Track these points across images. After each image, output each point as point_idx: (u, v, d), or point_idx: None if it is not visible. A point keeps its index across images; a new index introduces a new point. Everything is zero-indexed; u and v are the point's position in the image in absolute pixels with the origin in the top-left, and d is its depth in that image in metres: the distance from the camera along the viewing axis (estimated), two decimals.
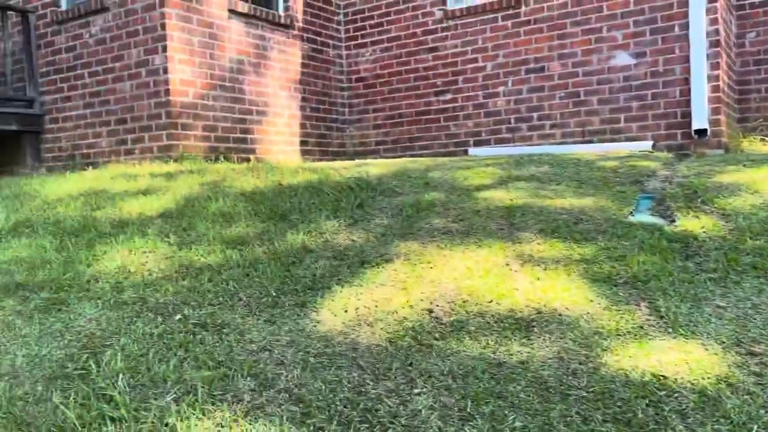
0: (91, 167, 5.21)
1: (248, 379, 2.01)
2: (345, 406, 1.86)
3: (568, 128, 5.89)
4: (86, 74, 5.77)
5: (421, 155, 6.45)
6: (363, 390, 1.93)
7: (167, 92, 5.26)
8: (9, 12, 6.03)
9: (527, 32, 6.02)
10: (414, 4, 6.62)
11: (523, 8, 6.03)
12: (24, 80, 6.11)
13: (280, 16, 6.31)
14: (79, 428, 1.83)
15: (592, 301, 2.35)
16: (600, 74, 5.75)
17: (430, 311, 2.34)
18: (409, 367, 2.03)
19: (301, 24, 6.56)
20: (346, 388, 1.94)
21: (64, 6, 6.01)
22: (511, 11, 6.09)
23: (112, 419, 1.86)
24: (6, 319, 2.44)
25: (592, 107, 5.79)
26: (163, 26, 5.24)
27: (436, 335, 2.20)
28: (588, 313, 2.27)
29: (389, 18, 6.79)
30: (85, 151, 5.81)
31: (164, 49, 5.24)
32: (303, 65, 6.59)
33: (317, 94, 6.76)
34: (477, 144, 6.32)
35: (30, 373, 2.12)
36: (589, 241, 2.80)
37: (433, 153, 6.46)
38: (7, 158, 6.21)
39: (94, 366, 2.10)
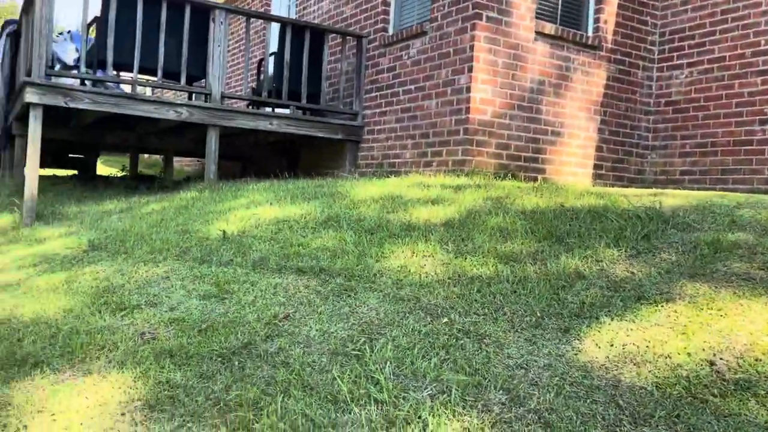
0: (393, 175, 5.79)
1: (500, 392, 2.04)
2: None
3: None
4: (401, 92, 6.43)
5: (734, 190, 5.69)
6: (618, 430, 1.82)
7: (467, 110, 5.57)
8: (348, 37, 7.03)
9: None
10: (745, 22, 5.88)
11: None
12: (352, 96, 7.07)
13: (588, 37, 6.19)
14: (349, 401, 2.07)
15: None
16: None
17: (712, 363, 2.08)
18: (676, 419, 1.84)
19: (609, 45, 6.34)
20: (599, 424, 1.85)
21: (390, 31, 6.78)
22: None
23: (376, 401, 2.06)
24: (309, 297, 2.87)
25: None
26: (471, 48, 5.57)
27: (715, 391, 1.95)
28: None
29: (713, 38, 6.15)
30: (391, 160, 6.47)
31: (470, 69, 5.57)
32: (606, 87, 6.35)
33: (618, 117, 6.45)
34: None
35: (319, 345, 2.46)
36: None
37: (750, 189, 5.65)
38: (332, 162, 7.25)
39: (368, 350, 2.35)
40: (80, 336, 2.76)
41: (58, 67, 6.78)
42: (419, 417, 1.95)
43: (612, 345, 2.25)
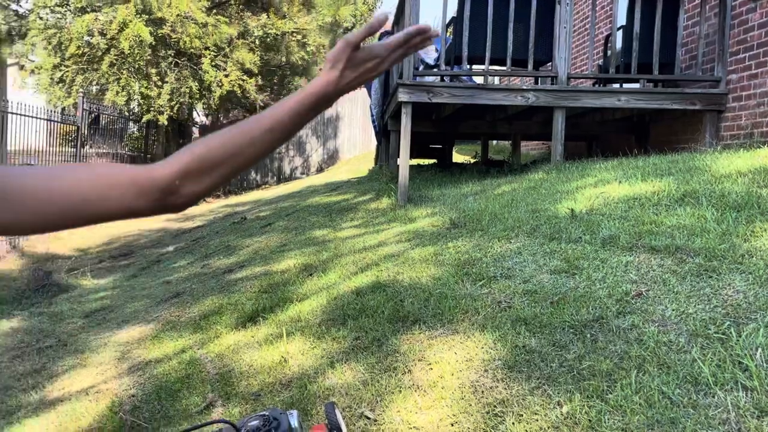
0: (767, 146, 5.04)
1: None
2: None
3: None
4: None
5: None
6: None
7: None
8: None
9: None
10: None
11: None
12: (712, 61, 6.35)
13: None
14: (712, 384, 1.97)
15: None
16: None
17: None
18: None
19: None
20: None
21: None
22: None
23: (744, 387, 1.92)
24: (663, 276, 2.77)
25: None
26: None
27: None
28: None
29: None
30: (764, 129, 5.64)
31: None
32: None
33: None
34: None
35: (676, 325, 2.38)
36: None
37: None
38: (687, 136, 6.66)
39: (734, 334, 2.18)
40: (447, 301, 3.17)
41: (421, 67, 7.67)
42: None
43: None
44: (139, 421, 2.77)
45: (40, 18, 12.90)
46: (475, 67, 7.14)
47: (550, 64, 6.50)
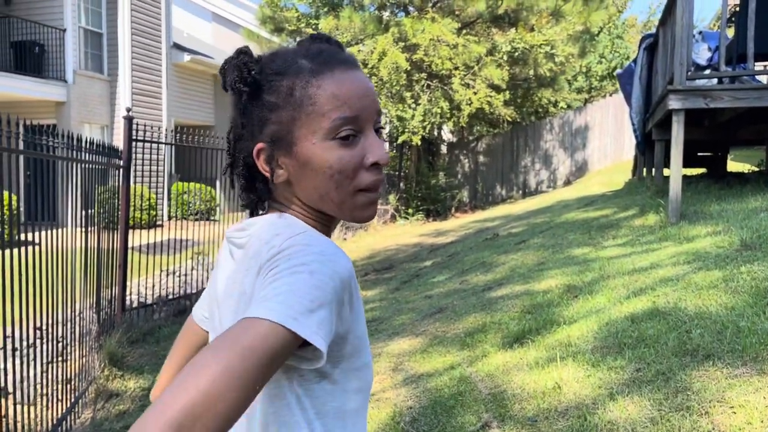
0: None
1: None
2: None
3: None
4: None
5: None
6: None
7: None
8: None
9: None
10: None
11: None
12: None
13: None
14: None
15: None
16: None
17: None
18: None
19: None
20: None
21: None
22: None
23: None
24: None
25: None
26: None
27: None
28: None
29: None
30: None
31: None
32: None
33: None
34: None
35: None
36: None
37: None
38: None
39: None
40: (748, 335, 2.79)
41: (692, 70, 6.96)
42: None
43: None
44: None
45: None
46: (758, 65, 6.25)
47: None
